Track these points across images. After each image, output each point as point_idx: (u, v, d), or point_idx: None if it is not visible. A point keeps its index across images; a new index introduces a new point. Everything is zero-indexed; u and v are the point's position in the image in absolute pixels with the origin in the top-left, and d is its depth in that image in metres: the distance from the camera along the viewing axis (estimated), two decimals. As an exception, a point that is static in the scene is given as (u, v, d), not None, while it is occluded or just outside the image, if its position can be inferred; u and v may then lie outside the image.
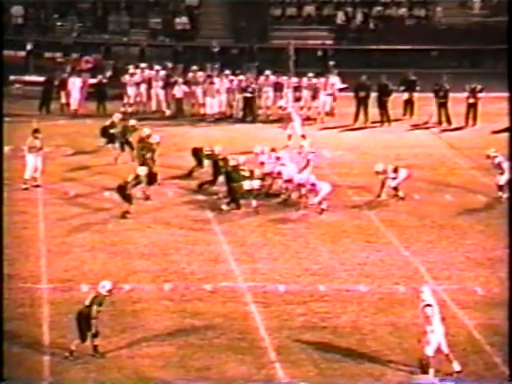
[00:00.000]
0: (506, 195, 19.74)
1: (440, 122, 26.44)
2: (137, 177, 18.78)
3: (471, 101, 26.32)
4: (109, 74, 29.02)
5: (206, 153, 20.62)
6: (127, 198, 18.56)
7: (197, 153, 21.03)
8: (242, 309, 14.65)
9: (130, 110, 27.77)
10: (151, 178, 19.31)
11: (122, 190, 18.57)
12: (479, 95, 26.34)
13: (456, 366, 12.48)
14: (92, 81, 28.56)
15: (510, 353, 12.05)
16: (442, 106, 26.41)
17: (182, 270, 16.16)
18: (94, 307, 12.84)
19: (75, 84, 27.75)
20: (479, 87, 26.31)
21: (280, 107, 25.70)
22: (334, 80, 27.36)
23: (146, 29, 35.66)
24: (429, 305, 12.54)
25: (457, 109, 26.72)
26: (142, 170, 18.99)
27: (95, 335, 12.87)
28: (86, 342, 12.89)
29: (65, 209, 19.24)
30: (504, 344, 13.38)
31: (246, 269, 16.20)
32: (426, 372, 12.35)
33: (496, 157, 19.83)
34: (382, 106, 26.76)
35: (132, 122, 22.91)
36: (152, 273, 15.99)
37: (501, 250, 17.01)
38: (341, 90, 27.16)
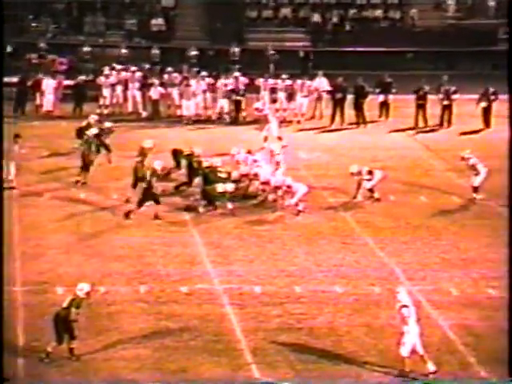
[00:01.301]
0: (480, 196, 19.90)
1: (417, 124, 26.58)
2: (154, 172, 18.62)
3: (446, 102, 26.49)
4: (86, 76, 28.87)
5: (186, 154, 20.60)
6: (155, 200, 18.43)
7: (176, 154, 21.00)
8: (217, 311, 14.65)
9: (105, 111, 27.69)
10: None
11: (148, 193, 18.41)
12: (453, 97, 26.51)
13: (431, 367, 12.56)
14: (67, 82, 28.43)
15: (510, 353, 12.07)
16: (421, 107, 26.53)
17: (158, 272, 16.13)
18: (73, 310, 12.78)
19: (49, 85, 27.62)
20: (453, 89, 26.48)
21: (256, 109, 25.73)
22: (322, 81, 27.41)
23: (121, 30, 35.56)
24: (405, 305, 12.61)
25: (432, 110, 26.87)
26: (159, 165, 18.87)
27: (73, 338, 12.82)
28: (63, 345, 12.83)
29: (40, 211, 19.15)
30: (478, 344, 13.51)
31: (221, 271, 16.20)
32: (405, 377, 12.42)
33: (470, 158, 19.98)
34: (358, 107, 26.87)
35: (108, 124, 22.83)
36: (127, 275, 15.95)
37: (474, 250, 17.16)
38: (328, 91, 27.21)
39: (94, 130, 21.65)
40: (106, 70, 28.36)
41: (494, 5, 36.38)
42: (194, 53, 32.64)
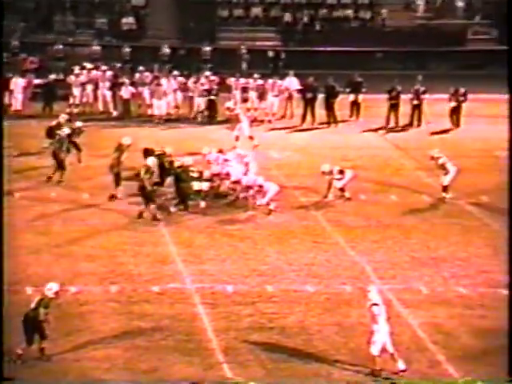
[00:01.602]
0: (449, 195, 20.06)
1: (388, 123, 26.71)
2: (148, 169, 18.53)
3: (415, 102, 26.67)
4: (57, 74, 28.68)
5: (157, 153, 20.54)
6: (150, 199, 18.35)
7: (147, 153, 20.93)
8: (189, 310, 14.63)
9: (75, 110, 27.54)
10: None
11: (143, 191, 18.33)
12: (423, 97, 26.69)
13: (401, 365, 12.65)
14: (37, 81, 28.23)
15: (510, 353, 12.18)
16: (393, 107, 26.65)
17: (129, 271, 16.08)
18: (41, 310, 12.70)
19: (18, 84, 27.40)
20: (423, 89, 26.66)
21: (228, 108, 25.73)
22: (292, 81, 27.46)
23: (91, 29, 35.38)
24: (375, 304, 12.69)
25: (401, 110, 27.02)
26: (153, 161, 18.73)
27: (43, 338, 12.74)
28: (33, 346, 12.75)
29: (9, 211, 18.95)
30: (447, 342, 13.63)
31: (193, 270, 16.19)
32: (377, 376, 12.48)
33: (440, 157, 20.14)
34: (329, 107, 26.96)
35: (78, 123, 22.71)
36: (98, 275, 15.88)
37: (444, 249, 17.31)
38: (298, 91, 27.26)
39: (66, 130, 21.53)
40: (76, 69, 28.20)
41: (463, 5, 36.71)
42: (165, 51, 32.56)
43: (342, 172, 19.78)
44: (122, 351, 13.22)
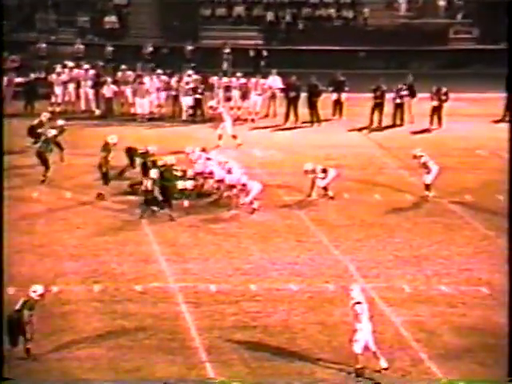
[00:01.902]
0: (432, 194, 20.16)
1: (372, 123, 26.77)
2: (154, 181, 18.40)
3: (398, 101, 26.74)
4: (39, 72, 28.53)
5: (140, 152, 20.51)
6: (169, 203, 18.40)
7: (130, 152, 20.89)
8: (172, 309, 14.62)
9: (58, 109, 27.42)
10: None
11: (154, 201, 18.34)
12: (405, 95, 26.74)
13: (383, 363, 12.70)
14: (18, 79, 28.07)
15: (510, 353, 12.20)
16: (378, 106, 26.70)
17: (112, 270, 16.05)
18: (25, 312, 12.65)
19: (-2, 83, 27.23)
20: (405, 88, 26.72)
21: (211, 107, 25.71)
22: (275, 80, 27.47)
23: (74, 27, 35.23)
24: (359, 302, 12.73)
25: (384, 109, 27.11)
26: (155, 173, 18.60)
27: (28, 339, 12.69)
28: (17, 347, 12.69)
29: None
30: (429, 340, 13.70)
31: (176, 269, 16.18)
32: (360, 376, 12.52)
33: (422, 156, 20.22)
34: (312, 106, 26.99)
35: (60, 122, 22.62)
36: (81, 274, 15.84)
37: (427, 247, 17.39)
38: (281, 90, 27.26)
39: (53, 131, 21.42)
40: (58, 68, 28.08)
41: (445, 5, 36.86)
42: (148, 50, 32.49)
43: (324, 171, 19.83)
44: (105, 350, 13.19)
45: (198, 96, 26.92)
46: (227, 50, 32.16)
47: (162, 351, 13.19)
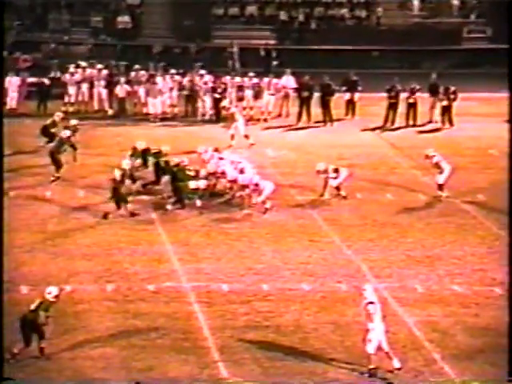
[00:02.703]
0: (445, 194, 20.10)
1: (386, 122, 26.70)
2: (124, 173, 18.43)
3: (411, 101, 26.67)
4: (55, 72, 28.63)
5: (153, 152, 20.53)
6: (123, 199, 18.30)
7: (144, 152, 20.92)
8: (185, 309, 14.64)
9: (71, 109, 27.53)
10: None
11: (116, 193, 18.32)
12: (418, 95, 26.68)
13: (396, 363, 12.68)
14: (31, 79, 28.19)
15: (510, 353, 12.17)
16: (392, 106, 26.62)
17: (125, 270, 16.08)
18: (41, 313, 12.69)
19: (12, 83, 27.38)
20: (418, 87, 26.67)
21: (223, 107, 25.72)
22: (289, 79, 27.45)
23: (87, 27, 35.35)
24: (371, 302, 12.71)
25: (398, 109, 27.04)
26: (127, 164, 18.69)
27: (42, 338, 12.74)
28: (31, 346, 12.75)
29: (4, 209, 18.93)
30: (442, 340, 13.66)
31: (189, 269, 16.19)
32: (373, 375, 12.49)
33: (434, 156, 20.16)
34: (325, 105, 26.96)
35: (73, 121, 22.68)
36: (94, 273, 15.88)
37: (439, 247, 17.34)
38: (294, 89, 27.24)
39: (67, 132, 21.45)
40: (72, 68, 28.18)
41: (458, 4, 36.76)
42: (160, 50, 32.56)
43: (336, 171, 19.80)
44: (117, 350, 13.22)
45: (217, 96, 26.91)
46: (235, 50, 32.13)
47: (175, 351, 13.21)
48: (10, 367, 12.57)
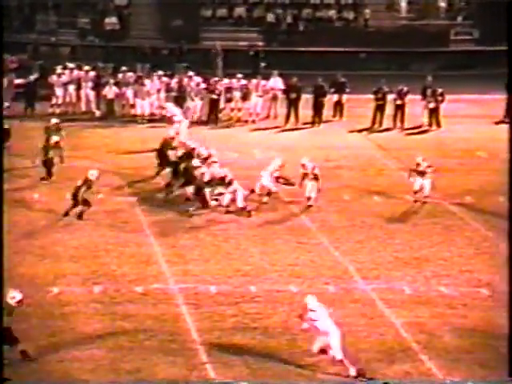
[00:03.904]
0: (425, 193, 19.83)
1: (373, 124, 26.75)
2: (86, 180, 18.40)
3: (398, 102, 26.75)
4: (36, 74, 28.55)
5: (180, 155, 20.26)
6: (83, 203, 18.24)
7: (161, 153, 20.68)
8: (173, 310, 14.62)
9: (58, 110, 27.45)
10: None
11: (75, 197, 18.26)
12: (406, 97, 26.73)
13: (352, 371, 12.45)
14: (18, 81, 28.09)
15: (510, 353, 12.20)
16: (379, 108, 26.70)
17: (113, 272, 16.05)
18: (4, 318, 12.54)
19: (-2, 84, 27.25)
20: (406, 89, 26.73)
21: (223, 109, 25.69)
22: (276, 81, 27.46)
23: (74, 29, 35.26)
24: (312, 310, 12.60)
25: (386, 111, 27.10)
26: (92, 175, 18.58)
27: (13, 343, 12.56)
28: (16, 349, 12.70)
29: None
30: (429, 341, 13.69)
31: (177, 270, 16.18)
32: (361, 377, 12.48)
33: (421, 164, 19.81)
34: (318, 107, 27.00)
35: (54, 120, 22.54)
36: (81, 275, 15.83)
37: (427, 249, 17.39)
38: (282, 91, 27.25)
39: (55, 138, 21.27)
40: (59, 69, 28.11)
41: (445, 6, 36.90)
42: (148, 51, 32.53)
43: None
44: (105, 352, 13.19)
45: (214, 97, 26.86)
46: (218, 51, 32.08)
47: (163, 352, 13.19)
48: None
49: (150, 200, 19.85)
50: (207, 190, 18.96)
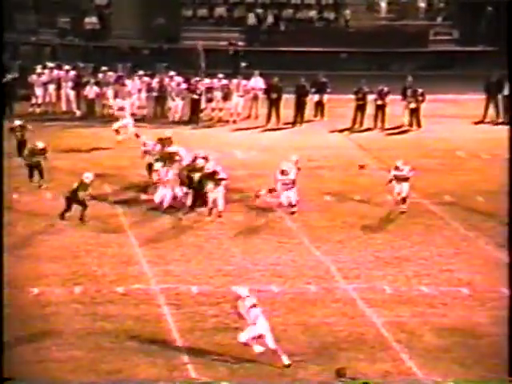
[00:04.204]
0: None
1: (354, 124, 26.81)
2: (81, 183, 18.30)
3: (379, 102, 26.83)
4: (15, 73, 28.38)
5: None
6: (80, 204, 18.16)
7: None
8: (154, 311, 14.60)
9: (38, 110, 27.31)
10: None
11: (71, 200, 18.15)
12: (386, 97, 26.80)
13: (285, 360, 12.63)
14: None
15: (510, 352, 12.24)
16: (360, 108, 26.75)
17: (93, 272, 16.00)
18: None
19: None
20: (386, 89, 26.82)
21: (204, 109, 25.64)
22: (257, 81, 27.46)
23: (54, 28, 35.08)
24: (244, 298, 12.77)
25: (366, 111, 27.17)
26: (87, 177, 18.44)
27: None
28: None
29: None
30: (410, 340, 13.75)
31: (158, 271, 16.15)
32: (342, 376, 12.51)
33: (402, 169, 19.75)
34: (300, 106, 27.02)
35: (17, 122, 22.42)
36: (62, 276, 15.78)
37: (407, 248, 17.46)
38: (264, 91, 27.24)
39: (40, 144, 20.84)
40: (39, 69, 27.96)
41: (425, 6, 37.04)
42: (129, 51, 32.41)
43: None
44: (86, 352, 13.15)
45: (195, 97, 26.83)
46: (200, 50, 32.00)
47: (144, 353, 13.17)
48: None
49: (131, 200, 19.78)
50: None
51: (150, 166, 20.17)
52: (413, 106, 26.67)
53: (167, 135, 21.15)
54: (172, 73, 27.81)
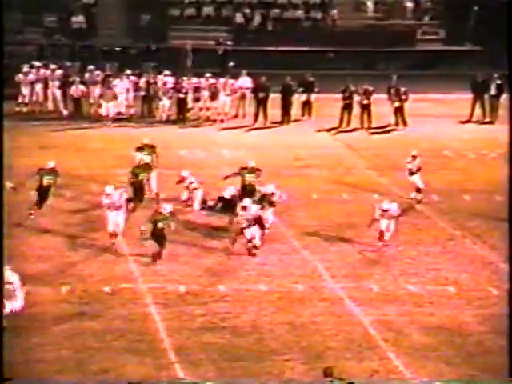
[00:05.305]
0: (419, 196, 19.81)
1: (341, 123, 26.84)
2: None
3: (365, 102, 26.86)
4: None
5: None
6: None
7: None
8: (141, 310, 14.58)
9: (25, 109, 27.22)
10: None
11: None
12: (371, 96, 26.83)
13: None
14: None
15: (510, 352, 12.27)
16: (347, 107, 26.77)
17: (80, 272, 15.95)
18: None
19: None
20: (371, 88, 26.85)
21: (191, 108, 25.61)
22: (245, 80, 27.45)
23: (41, 27, 34.96)
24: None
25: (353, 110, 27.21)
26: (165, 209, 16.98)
27: None
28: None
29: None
30: (397, 339, 13.79)
31: (145, 270, 16.12)
32: (330, 375, 12.50)
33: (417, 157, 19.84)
34: (286, 105, 27.02)
35: None
36: (49, 275, 15.72)
37: (394, 247, 17.51)
38: (251, 90, 27.24)
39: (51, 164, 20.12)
40: (25, 68, 27.86)
41: (412, 6, 37.14)
42: (116, 50, 32.35)
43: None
44: (72, 352, 13.12)
45: (181, 96, 26.78)
46: (188, 50, 31.95)
47: (131, 352, 13.15)
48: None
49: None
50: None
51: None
52: (397, 104, 26.72)
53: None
54: (166, 72, 27.62)
